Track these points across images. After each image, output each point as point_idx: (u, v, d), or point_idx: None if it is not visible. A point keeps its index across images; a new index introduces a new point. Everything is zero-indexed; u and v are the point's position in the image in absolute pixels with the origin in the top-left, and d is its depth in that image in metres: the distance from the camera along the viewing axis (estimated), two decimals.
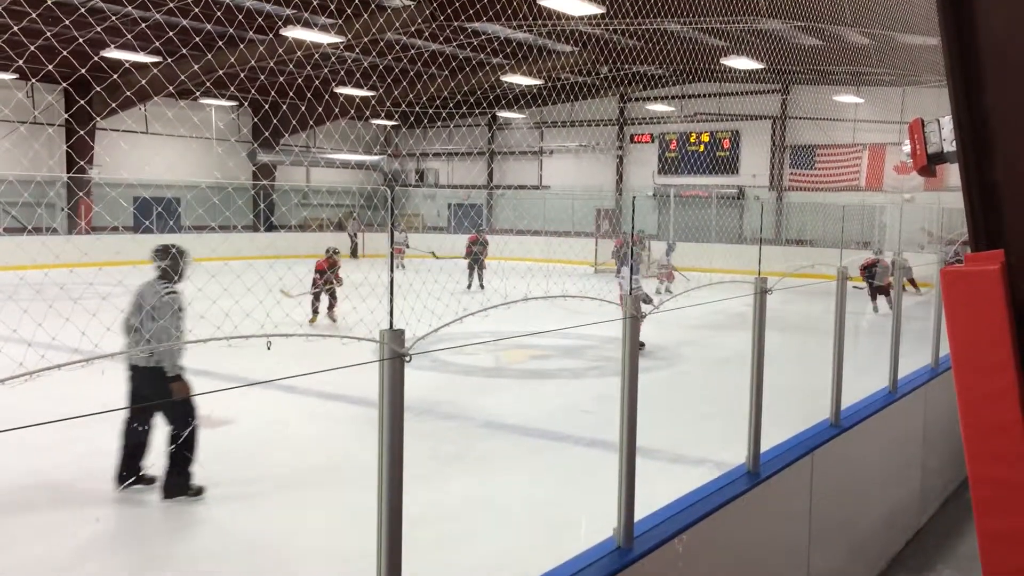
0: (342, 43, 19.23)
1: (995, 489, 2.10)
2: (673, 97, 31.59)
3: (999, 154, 2.06)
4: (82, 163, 25.76)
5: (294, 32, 18.10)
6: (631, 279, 6.18)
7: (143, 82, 20.17)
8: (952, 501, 7.04)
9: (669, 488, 4.01)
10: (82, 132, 25.49)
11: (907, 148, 2.43)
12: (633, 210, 4.39)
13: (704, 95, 30.70)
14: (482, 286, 20.46)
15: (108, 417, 2.50)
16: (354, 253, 30.45)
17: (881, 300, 16.53)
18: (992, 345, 2.02)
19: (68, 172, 25.79)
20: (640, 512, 3.41)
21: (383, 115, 34.39)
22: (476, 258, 20.93)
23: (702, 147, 31.81)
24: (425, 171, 38.02)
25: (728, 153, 31.28)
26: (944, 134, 2.30)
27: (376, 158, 36.17)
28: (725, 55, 21.83)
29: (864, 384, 6.22)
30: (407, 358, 2.37)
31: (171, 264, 5.68)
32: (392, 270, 2.55)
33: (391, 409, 2.37)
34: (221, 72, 16.29)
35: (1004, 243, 2.08)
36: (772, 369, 4.57)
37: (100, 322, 3.48)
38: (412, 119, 35.28)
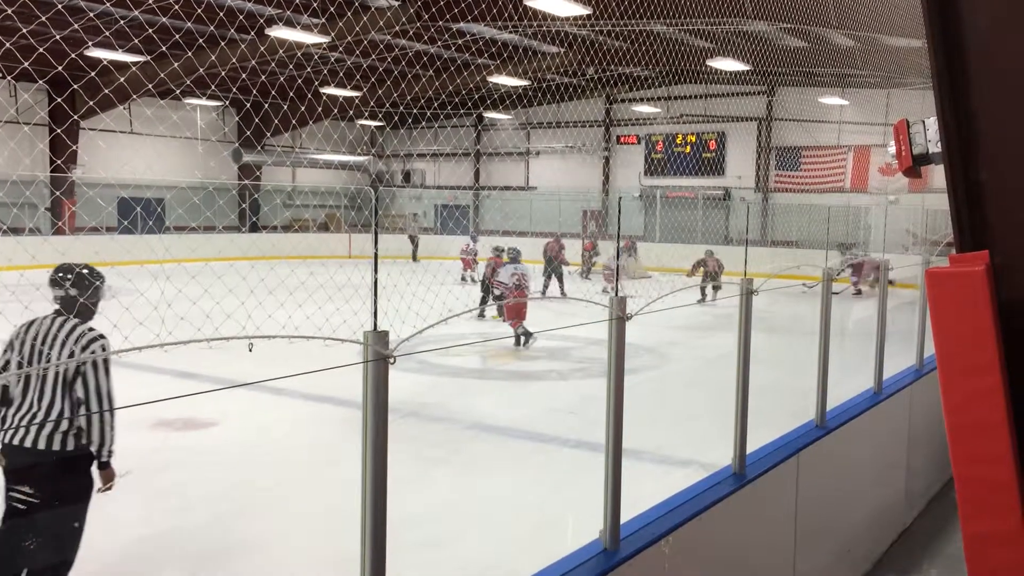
0: (325, 43, 19.16)
1: (980, 490, 2.10)
2: (659, 98, 31.66)
3: (984, 154, 2.06)
4: (59, 162, 25.54)
5: (277, 31, 18.02)
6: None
7: (121, 80, 20.06)
8: (937, 501, 7.06)
9: (655, 489, 4.01)
10: (59, 131, 25.30)
11: (892, 149, 2.43)
12: (620, 211, 4.39)
13: (690, 96, 30.79)
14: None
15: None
16: (414, 256, 29.38)
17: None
18: (977, 346, 2.01)
19: (56, 172, 25.61)
20: (626, 514, 3.40)
21: (368, 115, 34.30)
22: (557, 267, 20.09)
23: (688, 148, 31.89)
24: (411, 172, 37.94)
25: (714, 154, 31.37)
26: (929, 135, 2.30)
27: (361, 158, 36.06)
28: (711, 57, 21.89)
29: (850, 385, 6.23)
30: (391, 360, 2.35)
31: (88, 295, 3.79)
32: (376, 271, 2.52)
33: (375, 411, 2.35)
34: (202, 71, 16.23)
35: (989, 244, 2.08)
36: (758, 370, 4.57)
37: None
38: (396, 119, 35.22)
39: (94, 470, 3.89)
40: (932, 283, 2.09)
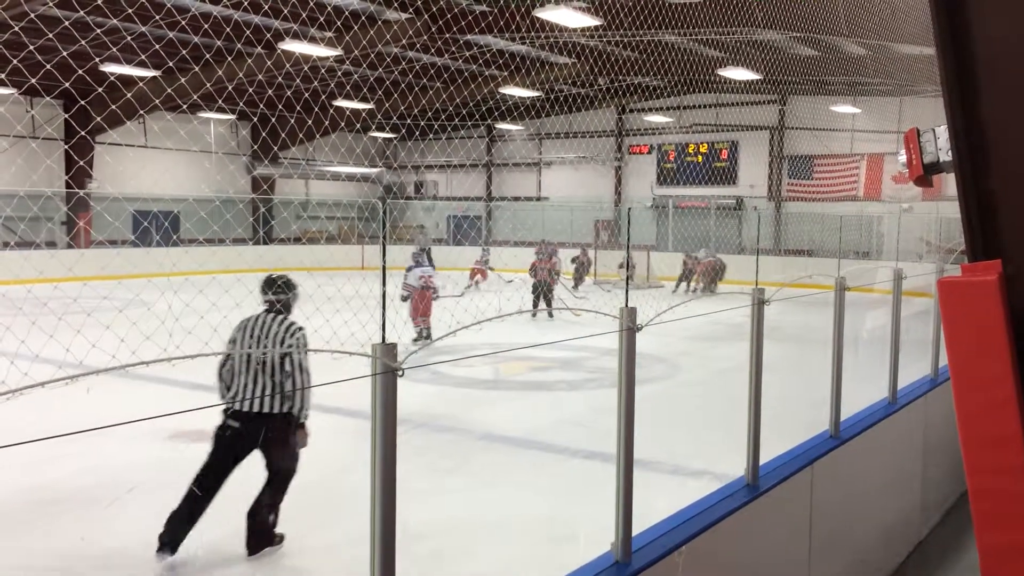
0: (332, 56, 19.25)
1: (995, 502, 2.07)
2: (671, 108, 31.65)
3: (995, 163, 2.04)
4: (66, 178, 25.73)
5: (287, 45, 18.12)
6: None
7: (128, 95, 20.22)
8: (953, 513, 6.99)
9: (668, 501, 3.98)
10: (66, 147, 25.51)
11: (903, 158, 2.41)
12: (628, 221, 4.39)
13: (702, 106, 30.76)
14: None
15: (98, 435, 2.48)
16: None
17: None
18: (991, 356, 1.99)
19: (67, 187, 25.80)
20: (639, 525, 3.37)
21: (377, 127, 34.42)
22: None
23: (700, 158, 31.85)
24: (424, 183, 38.03)
25: (726, 164, 31.32)
26: (940, 143, 2.28)
27: (374, 170, 36.17)
28: (722, 66, 21.88)
29: (864, 394, 6.19)
30: (400, 372, 2.35)
31: (289, 297, 5.26)
32: (384, 283, 2.52)
33: (384, 424, 2.34)
34: (209, 86, 16.32)
35: (1001, 253, 2.06)
36: (771, 379, 4.54)
37: (85, 338, 3.45)
38: (404, 131, 35.33)
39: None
40: (944, 292, 2.07)
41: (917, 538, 6.37)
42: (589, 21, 16.50)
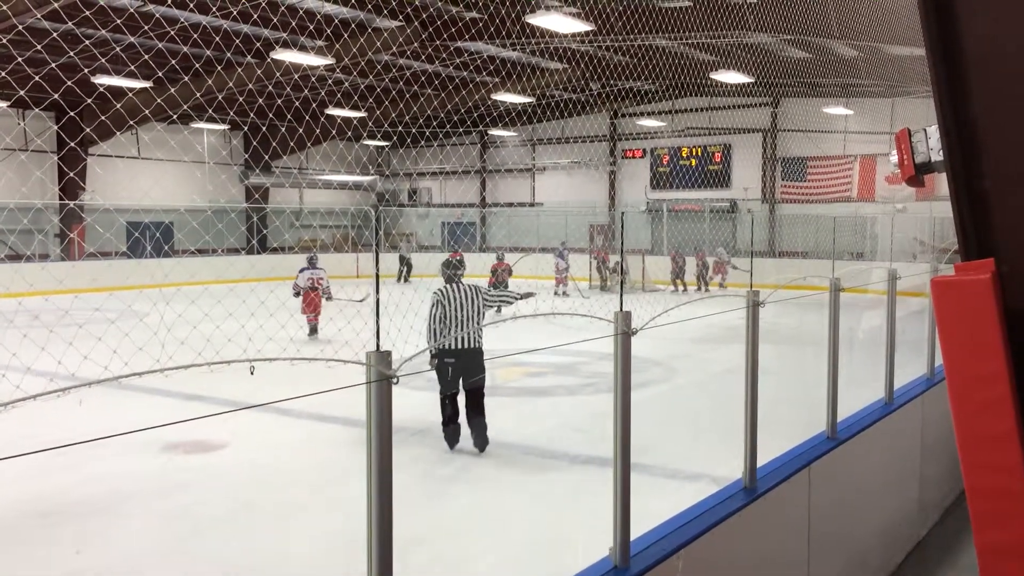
0: (322, 65, 19.25)
1: (993, 501, 2.07)
2: (664, 112, 31.71)
3: (987, 161, 2.04)
4: (58, 190, 25.70)
5: (280, 54, 18.12)
6: None
7: (119, 106, 20.18)
8: (952, 511, 6.99)
9: (666, 504, 3.97)
10: (58, 158, 25.47)
11: (895, 158, 2.42)
12: (622, 225, 4.39)
13: (694, 109, 30.83)
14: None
15: (92, 446, 2.45)
16: (406, 278, 28.64)
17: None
18: (985, 355, 1.99)
19: (59, 199, 25.75)
20: (637, 530, 3.36)
21: (370, 135, 34.43)
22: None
23: (693, 161, 31.91)
24: (417, 190, 38.02)
25: (719, 166, 31.38)
26: (931, 143, 2.28)
27: (367, 178, 36.15)
28: (714, 69, 21.94)
29: (860, 395, 6.18)
30: (394, 380, 2.34)
31: (461, 272, 7.66)
32: (378, 291, 2.51)
33: (379, 431, 2.33)
34: (199, 96, 16.32)
35: (994, 251, 2.06)
36: (767, 381, 4.54)
37: (77, 350, 3.44)
38: (397, 138, 35.32)
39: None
40: (937, 292, 2.07)
41: (916, 538, 6.37)
42: (581, 26, 16.53)
